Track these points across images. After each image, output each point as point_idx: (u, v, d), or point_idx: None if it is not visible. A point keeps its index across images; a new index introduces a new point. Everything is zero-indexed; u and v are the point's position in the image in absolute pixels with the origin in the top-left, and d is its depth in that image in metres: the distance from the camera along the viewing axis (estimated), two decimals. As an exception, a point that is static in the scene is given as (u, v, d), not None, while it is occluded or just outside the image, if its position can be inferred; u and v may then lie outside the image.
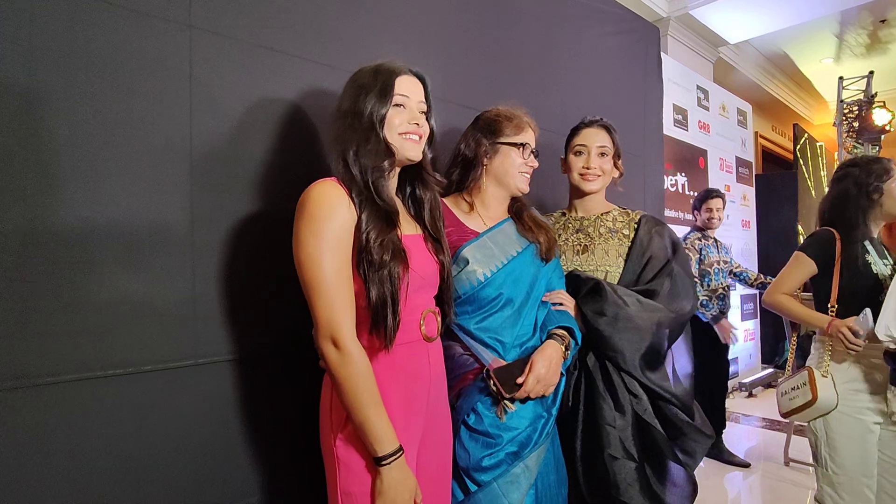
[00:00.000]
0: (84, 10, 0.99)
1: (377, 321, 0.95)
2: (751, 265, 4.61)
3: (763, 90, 6.06)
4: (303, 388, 1.22)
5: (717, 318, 2.91)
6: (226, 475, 1.16)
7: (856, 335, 1.57)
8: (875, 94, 5.71)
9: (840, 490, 1.62)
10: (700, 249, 3.14)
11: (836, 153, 5.98)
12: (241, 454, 1.19)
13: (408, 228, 1.07)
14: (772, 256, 4.73)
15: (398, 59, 1.09)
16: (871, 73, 5.73)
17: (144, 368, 1.04)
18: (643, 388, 1.32)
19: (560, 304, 1.32)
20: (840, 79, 5.86)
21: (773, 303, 1.83)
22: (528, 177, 1.33)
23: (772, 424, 2.56)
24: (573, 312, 1.34)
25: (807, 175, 6.26)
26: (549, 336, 1.25)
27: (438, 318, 1.11)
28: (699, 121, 4.01)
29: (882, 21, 4.93)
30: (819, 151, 6.67)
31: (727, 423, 3.08)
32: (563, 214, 1.58)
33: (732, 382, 4.18)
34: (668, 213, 3.41)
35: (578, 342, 1.30)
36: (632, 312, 1.30)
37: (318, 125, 1.33)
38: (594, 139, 1.47)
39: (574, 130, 1.53)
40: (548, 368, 1.18)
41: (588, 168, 1.46)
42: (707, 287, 3.05)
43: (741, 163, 4.59)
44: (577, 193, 1.53)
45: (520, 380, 1.16)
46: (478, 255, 1.24)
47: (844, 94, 5.87)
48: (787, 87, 6.53)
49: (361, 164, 0.99)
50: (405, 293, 0.99)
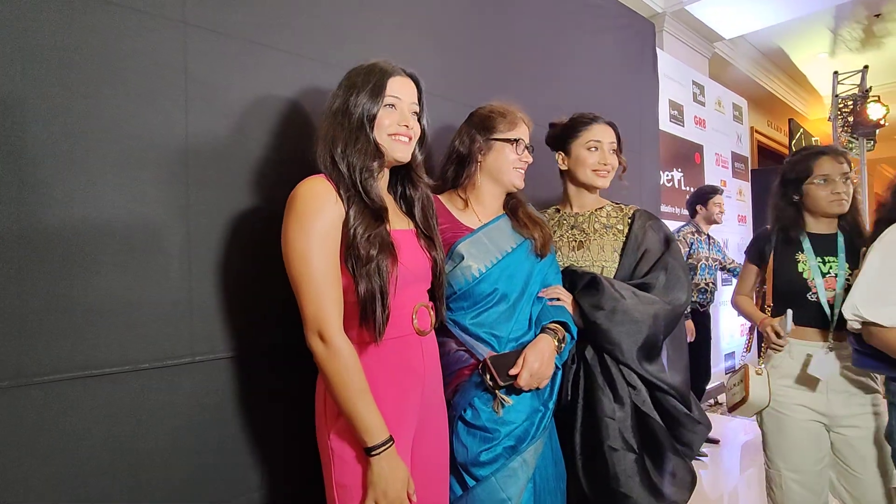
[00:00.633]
0: (78, 7, 0.98)
1: (366, 315, 0.96)
2: (747, 260, 4.63)
3: (758, 85, 6.07)
4: (299, 385, 1.21)
5: (685, 316, 2.95)
6: (224, 472, 1.16)
7: (777, 335, 1.57)
8: (870, 89, 5.73)
9: (771, 483, 1.62)
10: (691, 243, 3.18)
11: (832, 148, 5.98)
12: (239, 451, 1.19)
13: (398, 224, 1.08)
14: (767, 251, 4.74)
15: (393, 58, 1.09)
16: (866, 68, 5.75)
17: (141, 366, 1.04)
18: (641, 380, 1.33)
19: (557, 300, 1.33)
20: (835, 73, 5.87)
21: (733, 303, 1.87)
22: (523, 172, 1.33)
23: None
24: (570, 307, 1.34)
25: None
26: (543, 330, 1.26)
27: (432, 313, 1.11)
28: (695, 116, 4.02)
29: (876, 15, 4.95)
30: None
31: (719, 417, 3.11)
32: (557, 211, 1.57)
33: (725, 376, 4.21)
34: (665, 209, 3.42)
35: (574, 336, 1.31)
36: (629, 305, 1.30)
37: (315, 122, 1.33)
38: (607, 135, 1.46)
39: (582, 125, 1.47)
40: (541, 362, 1.19)
41: (605, 164, 1.44)
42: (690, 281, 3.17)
43: (737, 158, 4.60)
44: (581, 189, 1.51)
45: (513, 371, 1.17)
46: (473, 251, 1.25)
47: (839, 89, 5.89)
48: (783, 82, 6.55)
49: (349, 163, 1.00)
50: (394, 287, 0.99)
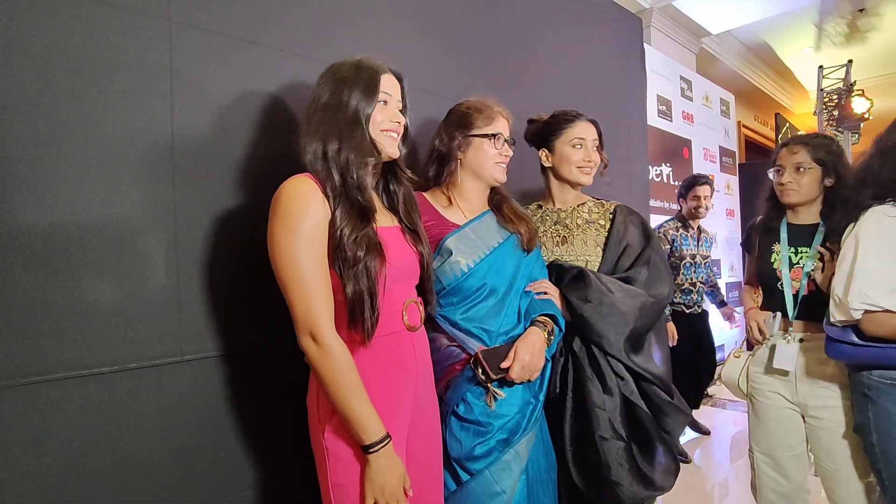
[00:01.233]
0: (61, 5, 0.97)
1: (354, 316, 0.96)
2: (735, 254, 4.66)
3: (745, 80, 6.12)
4: (290, 383, 1.21)
5: (665, 318, 2.72)
6: (215, 471, 1.16)
7: (761, 333, 1.59)
8: (854, 83, 5.80)
9: (751, 462, 1.66)
10: (673, 240, 2.90)
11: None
12: (230, 450, 1.18)
13: (384, 221, 1.07)
14: (755, 244, 4.78)
15: (379, 53, 1.09)
16: (850, 62, 5.81)
17: (130, 366, 1.03)
18: (628, 371, 1.35)
19: (544, 294, 1.34)
20: (820, 68, 5.94)
21: (741, 292, 1.91)
22: (504, 166, 1.33)
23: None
24: (558, 301, 1.35)
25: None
26: (532, 323, 1.27)
27: (421, 308, 1.11)
28: (683, 111, 4.04)
29: (860, 10, 5.00)
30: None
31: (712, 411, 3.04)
32: (540, 207, 1.58)
33: (718, 369, 4.21)
34: (654, 203, 3.44)
35: (562, 328, 1.33)
36: (615, 298, 1.33)
37: (302, 119, 1.32)
38: (590, 132, 1.48)
39: (565, 122, 1.48)
40: (531, 355, 1.20)
41: (589, 161, 1.46)
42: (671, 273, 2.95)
43: (725, 152, 4.63)
44: (564, 185, 1.51)
45: (504, 364, 1.18)
46: (460, 246, 1.26)
47: (824, 83, 5.96)
48: (769, 77, 6.60)
49: (345, 159, 0.98)
50: (383, 286, 0.99)
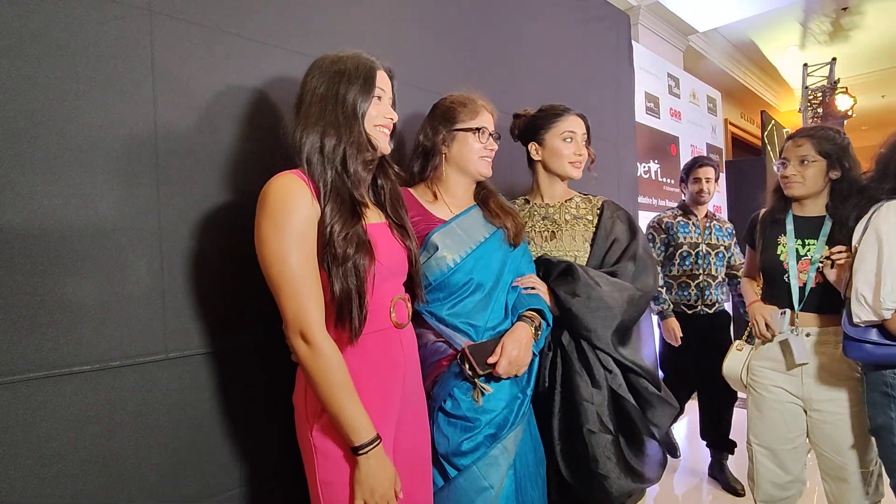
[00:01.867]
0: (36, -6, 0.95)
1: (342, 315, 0.94)
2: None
3: (731, 78, 6.17)
4: (277, 381, 1.20)
5: (664, 315, 2.49)
6: (201, 470, 1.14)
7: (769, 328, 1.59)
8: (838, 81, 5.89)
9: (749, 454, 1.68)
10: (668, 228, 2.56)
11: (801, 139, 6.13)
12: (216, 448, 1.17)
13: (373, 217, 1.06)
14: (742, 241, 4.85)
15: (365, 47, 1.09)
16: (834, 60, 5.89)
17: (112, 364, 1.01)
18: (616, 363, 1.36)
19: (532, 289, 1.34)
20: (804, 66, 6.01)
21: (741, 285, 1.91)
22: (489, 160, 1.33)
23: (739, 402, 2.63)
24: (546, 296, 1.35)
25: (774, 161, 6.43)
26: (519, 318, 1.27)
27: (409, 305, 1.10)
28: (670, 108, 4.06)
29: (844, 9, 5.06)
30: (786, 142, 6.84)
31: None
32: (527, 202, 1.57)
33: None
34: (642, 200, 3.45)
35: (549, 323, 1.33)
36: (603, 292, 1.33)
37: (287, 114, 1.30)
38: (579, 126, 1.48)
39: (555, 115, 1.48)
40: (519, 349, 1.20)
41: (580, 155, 1.47)
42: (668, 274, 2.57)
43: (712, 149, 4.67)
44: (553, 179, 1.51)
45: (491, 360, 1.18)
46: (447, 241, 1.25)
47: (809, 81, 6.03)
48: (755, 75, 6.66)
49: (343, 154, 0.97)
50: (372, 284, 0.98)
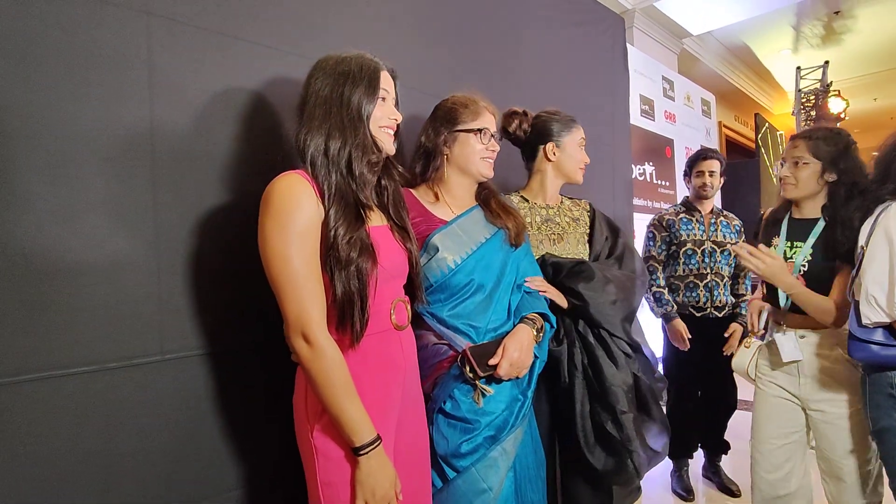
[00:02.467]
0: (33, -4, 0.95)
1: (343, 318, 0.94)
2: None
3: (725, 81, 6.21)
4: (274, 381, 1.20)
5: (669, 317, 2.35)
6: (198, 471, 1.13)
7: (753, 327, 1.66)
8: (830, 84, 5.94)
9: (751, 452, 1.74)
10: (670, 225, 2.41)
11: (796, 141, 6.17)
12: (213, 449, 1.16)
13: (375, 220, 1.06)
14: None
15: (363, 49, 1.08)
16: (827, 63, 5.95)
17: (109, 365, 1.00)
18: (630, 347, 1.46)
19: (544, 291, 1.37)
20: (797, 69, 6.06)
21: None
22: (491, 161, 1.33)
23: (740, 404, 2.63)
24: (558, 298, 1.40)
25: (768, 163, 6.47)
26: (521, 320, 1.27)
27: (408, 307, 1.10)
28: (665, 111, 4.09)
29: (836, 13, 5.12)
30: (779, 140, 6.90)
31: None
32: (525, 200, 1.59)
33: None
34: (637, 202, 3.46)
35: (553, 325, 1.34)
36: (615, 285, 1.43)
37: (284, 116, 1.31)
38: (583, 135, 1.58)
39: (572, 122, 1.56)
40: (520, 351, 1.20)
41: (587, 162, 1.57)
42: (673, 275, 2.43)
43: (706, 152, 4.69)
44: (561, 181, 1.58)
45: (492, 361, 1.18)
46: (447, 243, 1.25)
47: (802, 84, 6.09)
48: (749, 78, 6.72)
49: (348, 156, 0.97)
50: (374, 288, 0.97)
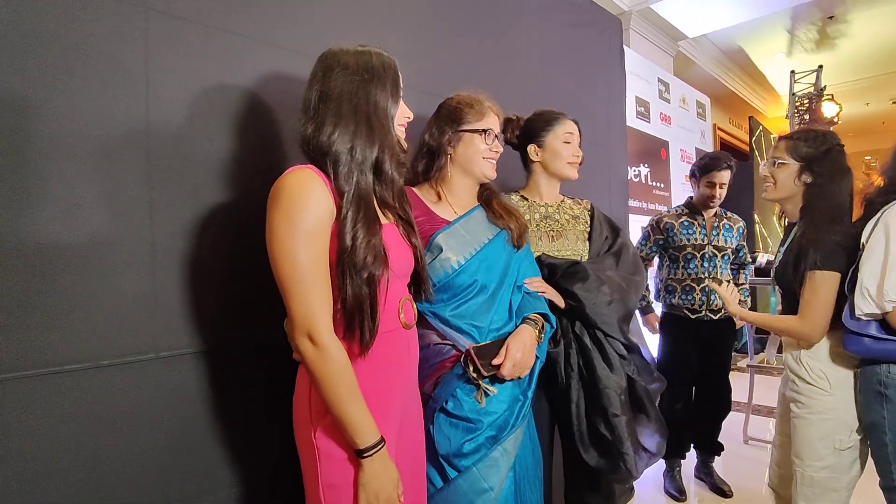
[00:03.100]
0: (29, -12, 0.94)
1: (352, 325, 0.92)
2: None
3: (720, 83, 6.25)
4: (271, 380, 1.19)
5: (646, 311, 2.57)
6: (193, 470, 1.13)
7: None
8: (824, 88, 5.99)
9: None
10: (668, 228, 2.41)
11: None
12: (207, 448, 1.15)
13: (382, 218, 1.04)
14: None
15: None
16: (821, 68, 6.00)
17: (103, 363, 0.99)
18: (625, 348, 1.47)
19: (542, 292, 1.37)
20: (791, 72, 6.11)
21: None
22: (494, 163, 1.33)
23: (733, 405, 2.66)
24: (556, 299, 1.41)
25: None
26: (523, 321, 1.27)
27: (414, 305, 1.09)
28: (661, 113, 4.10)
29: (830, 17, 5.16)
30: (773, 143, 6.96)
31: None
32: (524, 199, 1.60)
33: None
34: (632, 203, 3.48)
35: (553, 325, 1.35)
36: (611, 286, 1.44)
37: (282, 113, 1.30)
38: (575, 129, 1.57)
39: (555, 118, 1.56)
40: (523, 352, 1.20)
41: (577, 156, 1.56)
42: (672, 278, 2.48)
43: (700, 154, 4.72)
44: (552, 179, 1.59)
45: (496, 361, 1.18)
46: (451, 243, 1.24)
47: (796, 88, 6.13)
48: (743, 81, 6.76)
49: (377, 159, 0.95)
50: (384, 294, 0.96)
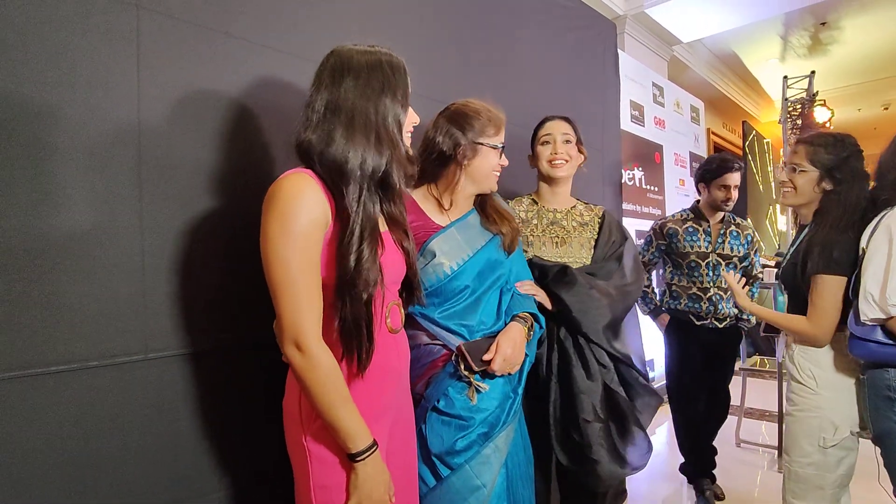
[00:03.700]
0: (19, -14, 0.93)
1: (350, 349, 0.91)
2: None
3: (714, 88, 6.28)
4: (260, 382, 1.19)
5: (656, 313, 2.46)
6: (179, 473, 1.12)
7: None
8: (816, 93, 6.03)
9: None
10: (671, 235, 2.33)
11: (781, 150, 6.27)
12: (195, 451, 1.15)
13: (381, 225, 1.02)
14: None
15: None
16: (813, 73, 6.04)
17: (90, 364, 0.99)
18: (609, 357, 1.47)
19: (533, 294, 1.39)
20: (784, 78, 6.15)
21: None
22: (498, 175, 1.33)
23: (727, 414, 2.69)
24: (546, 300, 1.43)
25: (755, 170, 6.56)
26: (513, 319, 1.28)
27: (402, 310, 1.09)
28: (655, 117, 4.12)
29: (822, 23, 5.19)
30: (766, 148, 7.01)
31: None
32: (535, 203, 1.66)
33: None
34: (626, 206, 3.49)
35: (542, 325, 1.35)
36: (597, 292, 1.44)
37: (275, 115, 1.30)
38: (558, 128, 1.59)
39: (539, 125, 1.63)
40: (513, 348, 1.21)
41: (556, 154, 1.57)
42: (677, 284, 2.42)
43: (694, 158, 4.74)
44: (549, 182, 1.62)
45: (486, 356, 1.19)
46: (445, 248, 1.24)
47: (789, 93, 6.17)
48: (737, 86, 6.80)
49: (386, 171, 0.94)
50: (380, 312, 0.96)
